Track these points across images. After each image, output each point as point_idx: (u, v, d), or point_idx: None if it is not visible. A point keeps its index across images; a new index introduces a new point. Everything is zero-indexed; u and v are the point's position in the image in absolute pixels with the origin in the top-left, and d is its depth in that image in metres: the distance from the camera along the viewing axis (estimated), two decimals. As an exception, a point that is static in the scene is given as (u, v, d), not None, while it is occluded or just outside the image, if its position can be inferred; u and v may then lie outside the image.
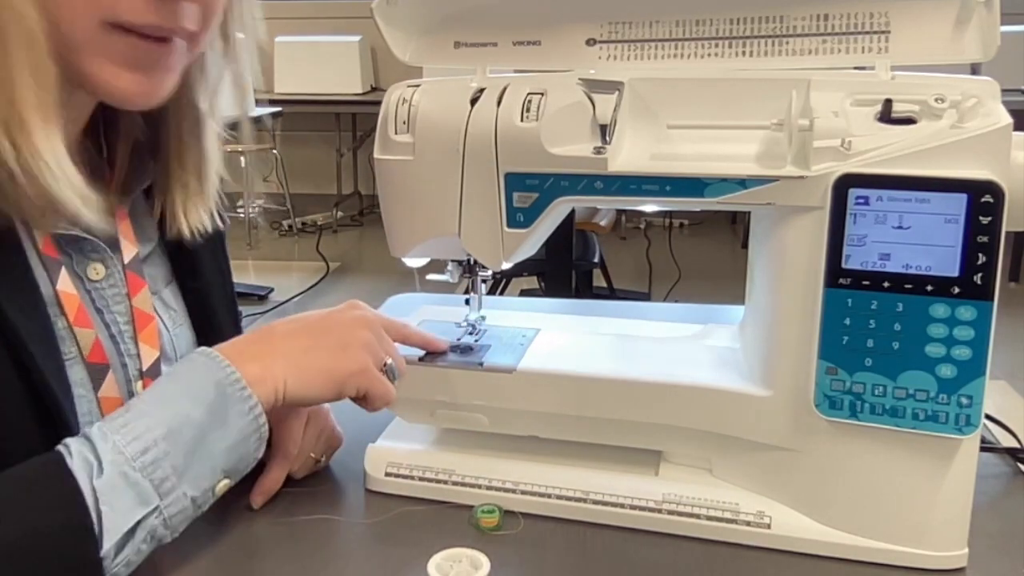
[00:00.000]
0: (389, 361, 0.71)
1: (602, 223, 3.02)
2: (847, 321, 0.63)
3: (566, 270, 2.69)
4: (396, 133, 0.72)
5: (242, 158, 3.79)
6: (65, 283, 0.67)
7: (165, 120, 0.72)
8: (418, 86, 0.73)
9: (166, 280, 0.79)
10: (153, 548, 0.60)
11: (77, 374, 0.67)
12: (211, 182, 0.75)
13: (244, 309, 0.87)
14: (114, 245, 0.71)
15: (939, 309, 0.61)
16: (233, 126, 0.79)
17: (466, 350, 0.79)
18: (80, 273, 0.69)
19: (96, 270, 0.70)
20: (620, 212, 4.24)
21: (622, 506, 0.72)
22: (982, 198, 0.59)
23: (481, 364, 0.76)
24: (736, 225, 4.76)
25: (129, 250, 0.73)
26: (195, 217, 0.75)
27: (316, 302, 3.61)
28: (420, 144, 0.72)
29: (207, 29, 0.65)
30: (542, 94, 0.68)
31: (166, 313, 0.77)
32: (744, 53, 0.70)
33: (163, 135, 0.73)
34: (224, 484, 0.64)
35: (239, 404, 0.63)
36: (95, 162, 0.70)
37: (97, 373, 0.68)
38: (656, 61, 0.71)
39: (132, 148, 0.73)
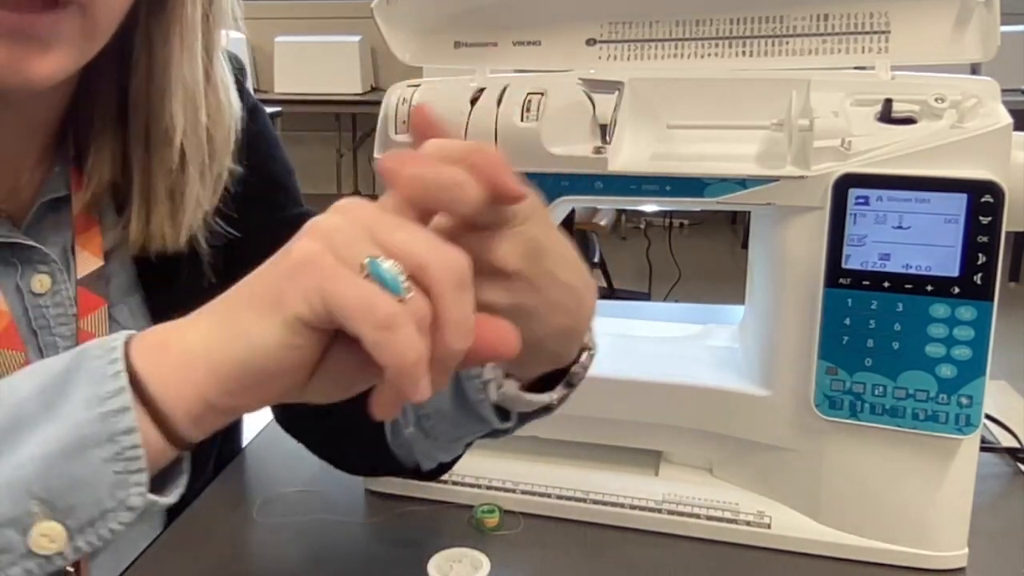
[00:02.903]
0: (368, 260, 0.36)
1: (602, 223, 3.02)
2: (847, 321, 0.63)
3: (566, 270, 2.68)
4: (396, 133, 0.72)
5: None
6: None
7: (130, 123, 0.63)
8: (418, 86, 0.73)
9: (124, 291, 0.67)
10: None
11: None
12: (191, 198, 0.64)
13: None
14: (65, 256, 0.63)
15: (939, 309, 0.61)
16: None
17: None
18: (23, 286, 0.62)
19: (41, 282, 0.62)
20: (620, 212, 4.24)
21: (622, 506, 0.72)
22: (982, 198, 0.59)
23: (481, 364, 0.76)
24: (736, 225, 4.76)
25: (88, 263, 0.63)
26: (158, 235, 0.63)
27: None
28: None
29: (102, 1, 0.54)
30: (542, 94, 0.68)
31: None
32: (744, 53, 0.70)
33: (131, 138, 0.63)
34: (45, 527, 0.37)
35: (90, 377, 0.37)
36: (60, 167, 0.64)
37: None
38: (656, 61, 0.71)
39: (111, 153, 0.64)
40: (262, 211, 0.71)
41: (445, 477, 0.75)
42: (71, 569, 0.64)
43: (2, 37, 0.51)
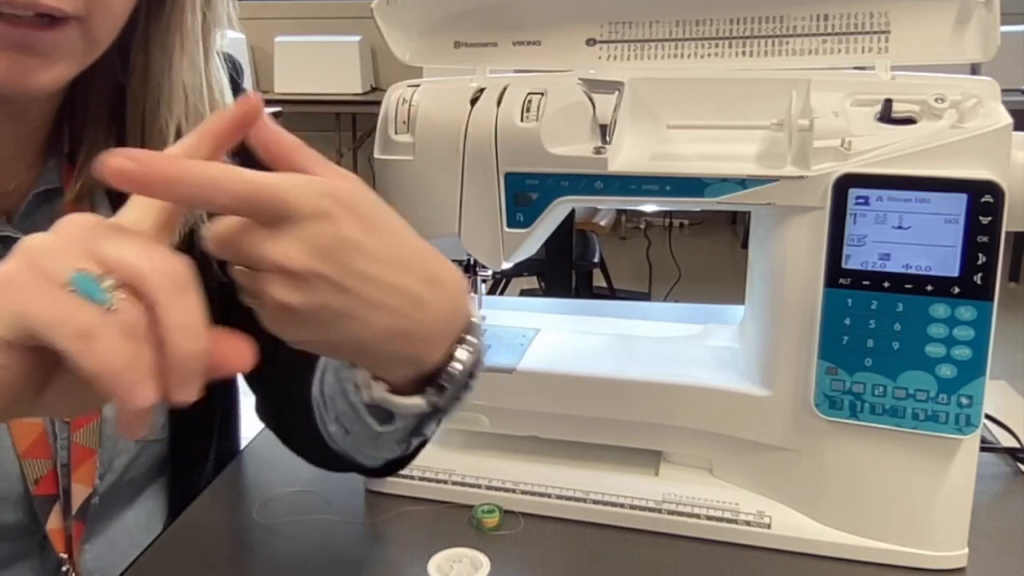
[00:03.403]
0: (72, 274, 0.36)
1: (602, 223, 3.02)
2: (847, 321, 0.63)
3: (566, 270, 2.68)
4: (396, 133, 0.72)
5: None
6: None
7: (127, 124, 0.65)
8: (418, 86, 0.73)
9: None
10: None
11: None
12: None
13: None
14: None
15: (939, 309, 0.61)
16: None
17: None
18: None
19: None
20: (620, 212, 4.23)
21: (622, 506, 0.72)
22: (982, 198, 0.59)
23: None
24: (736, 225, 4.76)
25: None
26: None
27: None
28: (420, 144, 0.71)
29: (101, 14, 0.56)
30: (542, 94, 0.68)
31: None
32: (744, 53, 0.69)
33: (128, 136, 0.65)
34: None
35: None
36: (54, 161, 0.65)
37: None
38: (656, 61, 0.71)
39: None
40: None
41: (444, 477, 0.75)
42: (64, 556, 0.65)
43: (5, 50, 0.53)
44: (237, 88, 0.71)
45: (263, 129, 0.43)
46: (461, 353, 0.50)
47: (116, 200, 0.66)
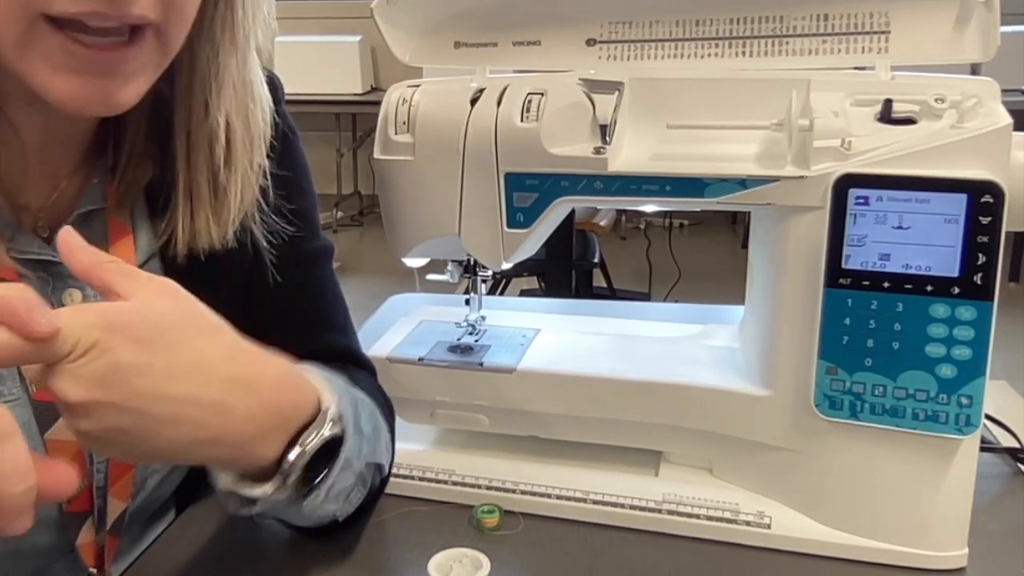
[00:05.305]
0: None
1: (602, 223, 3.02)
2: (847, 321, 0.63)
3: (566, 270, 2.68)
4: (396, 133, 0.72)
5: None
6: None
7: (173, 123, 0.64)
8: (418, 86, 0.73)
9: None
10: None
11: (18, 416, 0.59)
12: (234, 194, 0.64)
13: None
14: None
15: (939, 309, 0.61)
16: None
17: (466, 350, 0.79)
18: (55, 300, 0.61)
19: (72, 297, 0.62)
20: (620, 212, 4.23)
21: (622, 506, 0.72)
22: (982, 198, 0.59)
23: (481, 364, 0.76)
24: (736, 225, 4.76)
25: None
26: (204, 232, 0.64)
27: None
28: (420, 144, 0.72)
29: (177, 20, 0.56)
30: (542, 94, 0.68)
31: None
32: (744, 53, 0.70)
33: (173, 140, 0.64)
34: None
35: None
36: (99, 178, 0.64)
37: (48, 414, 0.60)
38: (656, 61, 0.71)
39: (147, 159, 0.65)
40: (281, 238, 0.71)
41: (444, 477, 0.75)
42: (94, 570, 0.65)
43: (87, 73, 0.53)
44: (277, 109, 0.71)
45: (66, 252, 0.47)
46: (291, 454, 0.54)
47: (154, 210, 0.66)
